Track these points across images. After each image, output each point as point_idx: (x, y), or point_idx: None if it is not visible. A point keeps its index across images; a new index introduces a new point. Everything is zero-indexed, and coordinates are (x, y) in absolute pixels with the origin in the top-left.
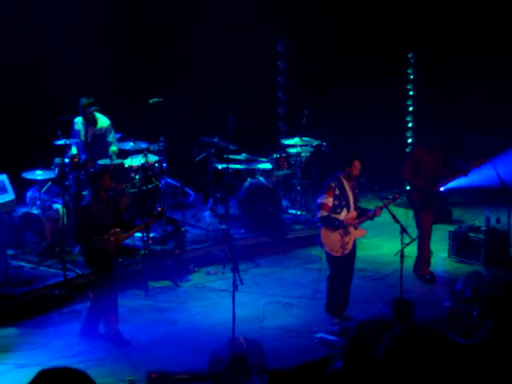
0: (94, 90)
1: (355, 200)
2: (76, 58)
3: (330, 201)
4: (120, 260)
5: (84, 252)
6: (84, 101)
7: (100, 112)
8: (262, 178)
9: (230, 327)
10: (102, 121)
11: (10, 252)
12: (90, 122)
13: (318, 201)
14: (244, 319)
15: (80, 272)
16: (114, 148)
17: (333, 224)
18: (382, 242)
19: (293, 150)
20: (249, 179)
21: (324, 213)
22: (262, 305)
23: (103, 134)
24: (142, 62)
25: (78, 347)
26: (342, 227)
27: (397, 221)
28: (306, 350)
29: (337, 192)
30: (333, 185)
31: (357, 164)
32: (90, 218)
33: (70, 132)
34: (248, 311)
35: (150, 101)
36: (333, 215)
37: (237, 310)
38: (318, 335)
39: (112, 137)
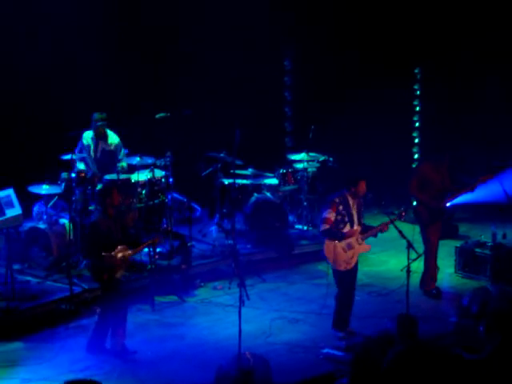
0: (101, 105)
1: (359, 217)
2: (83, 71)
3: (332, 215)
4: (127, 274)
5: (92, 268)
6: (97, 116)
7: (110, 128)
8: (268, 194)
9: (237, 342)
10: (113, 137)
11: (16, 266)
12: (101, 137)
13: (322, 215)
14: (250, 334)
15: (86, 287)
16: (123, 163)
17: (335, 236)
18: (389, 258)
19: (299, 166)
20: (255, 194)
21: (326, 226)
22: (269, 320)
23: (113, 150)
24: (154, 79)
25: (85, 362)
26: (344, 238)
27: (403, 236)
28: (312, 365)
29: (340, 208)
30: (337, 200)
31: (363, 184)
32: (99, 234)
33: (76, 146)
34: (254, 326)
35: (157, 116)
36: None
37: (243, 326)
38: (325, 351)
39: (122, 154)
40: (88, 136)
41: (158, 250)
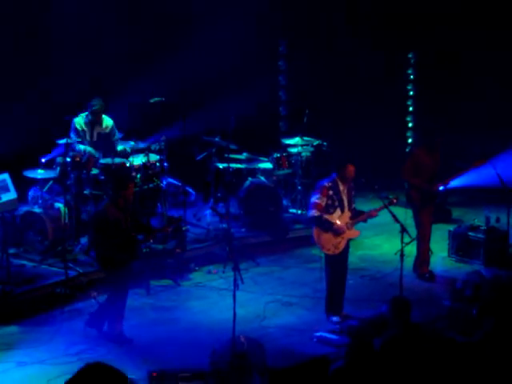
0: (95, 88)
1: (350, 201)
2: (78, 54)
3: (323, 201)
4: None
5: (99, 257)
6: (95, 101)
7: (104, 112)
8: (262, 178)
9: (231, 326)
10: (107, 120)
11: (11, 251)
12: (96, 121)
13: (311, 200)
14: (245, 318)
15: (81, 271)
16: (121, 147)
17: (323, 226)
18: (382, 242)
19: (294, 150)
20: (249, 178)
21: (316, 213)
22: (263, 304)
23: (108, 133)
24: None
25: (80, 345)
26: (332, 230)
27: (397, 220)
28: (306, 348)
29: (330, 192)
30: (327, 185)
31: (350, 168)
32: (107, 223)
33: (70, 131)
34: (249, 310)
35: (151, 100)
36: (325, 215)
37: (237, 309)
38: (319, 334)
39: (116, 137)
40: (80, 121)
41: None
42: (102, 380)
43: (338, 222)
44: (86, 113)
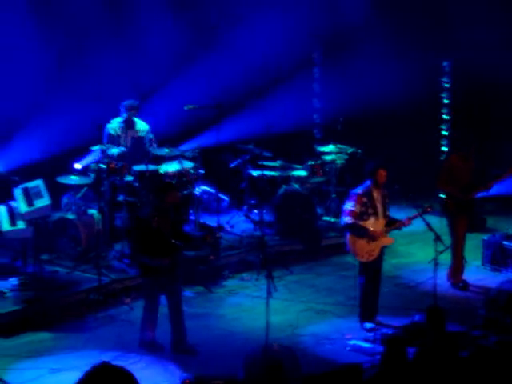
0: (128, 94)
1: (384, 209)
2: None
3: (357, 208)
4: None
5: (138, 264)
6: (128, 103)
7: (138, 117)
8: (296, 185)
9: (264, 334)
10: (141, 124)
11: (44, 257)
12: (130, 125)
13: (345, 207)
14: (278, 326)
15: (114, 277)
16: (155, 152)
17: (358, 232)
18: (417, 250)
19: (328, 158)
20: (283, 186)
21: (351, 220)
22: (296, 312)
23: (142, 137)
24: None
25: (113, 352)
26: (366, 237)
27: (431, 229)
28: (339, 357)
29: (364, 199)
30: (361, 192)
31: (382, 172)
32: (149, 230)
33: (103, 137)
34: (282, 318)
35: (186, 107)
36: (360, 223)
37: (271, 317)
38: (352, 342)
39: (150, 141)
40: (115, 126)
41: None
42: (109, 381)
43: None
44: (120, 118)
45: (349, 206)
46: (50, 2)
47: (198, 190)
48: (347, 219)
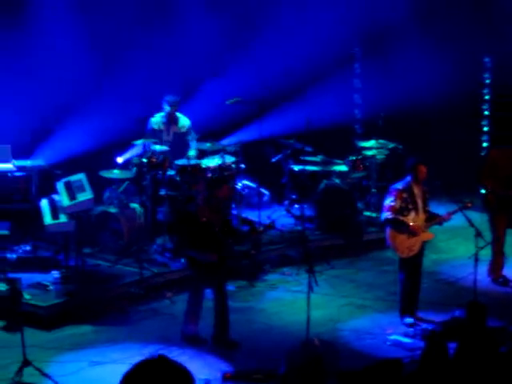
0: (171, 89)
1: (424, 204)
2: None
3: (397, 203)
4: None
5: (186, 257)
6: (170, 98)
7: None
8: (337, 180)
9: (305, 328)
10: (183, 119)
11: (87, 250)
12: (172, 120)
13: (385, 203)
14: (318, 320)
15: (156, 271)
16: (192, 152)
17: (398, 227)
18: (457, 245)
19: (369, 153)
20: (324, 181)
21: (391, 215)
22: (337, 306)
23: (184, 132)
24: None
25: (154, 345)
26: (406, 232)
27: (472, 224)
28: (379, 351)
29: (405, 195)
30: (401, 188)
31: (422, 168)
32: (197, 224)
33: (146, 131)
34: (323, 312)
35: (228, 101)
36: (400, 218)
37: (311, 311)
38: (392, 337)
39: (192, 137)
40: (157, 120)
41: None
42: (163, 374)
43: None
44: (163, 113)
45: (389, 201)
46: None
47: (239, 185)
48: (387, 214)
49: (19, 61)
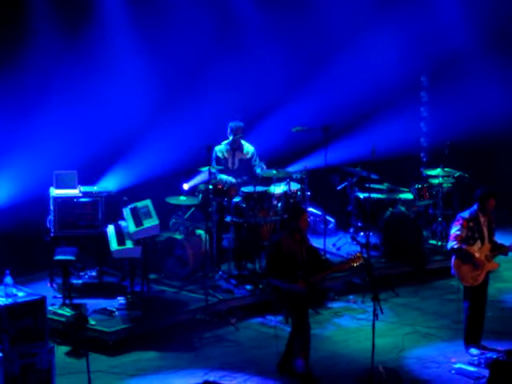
0: (237, 115)
1: (490, 233)
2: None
3: (463, 232)
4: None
5: (274, 289)
6: (235, 125)
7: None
8: (403, 208)
9: (369, 356)
10: (247, 146)
11: (152, 276)
12: (237, 147)
13: (452, 231)
14: (383, 348)
15: (221, 297)
16: (258, 170)
17: (463, 257)
18: None
19: (435, 181)
20: (390, 209)
21: (457, 244)
22: (402, 334)
23: (249, 158)
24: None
25: (218, 372)
26: (471, 263)
27: None
28: (444, 380)
29: (471, 224)
30: (468, 217)
31: (492, 201)
32: (280, 255)
33: (211, 159)
34: (387, 340)
35: (293, 129)
36: (466, 247)
37: (376, 339)
38: (457, 366)
39: (257, 161)
40: (222, 148)
41: None
42: None
43: (477, 255)
44: (228, 140)
45: (455, 230)
46: (161, 26)
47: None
48: (453, 244)
49: (88, 90)
